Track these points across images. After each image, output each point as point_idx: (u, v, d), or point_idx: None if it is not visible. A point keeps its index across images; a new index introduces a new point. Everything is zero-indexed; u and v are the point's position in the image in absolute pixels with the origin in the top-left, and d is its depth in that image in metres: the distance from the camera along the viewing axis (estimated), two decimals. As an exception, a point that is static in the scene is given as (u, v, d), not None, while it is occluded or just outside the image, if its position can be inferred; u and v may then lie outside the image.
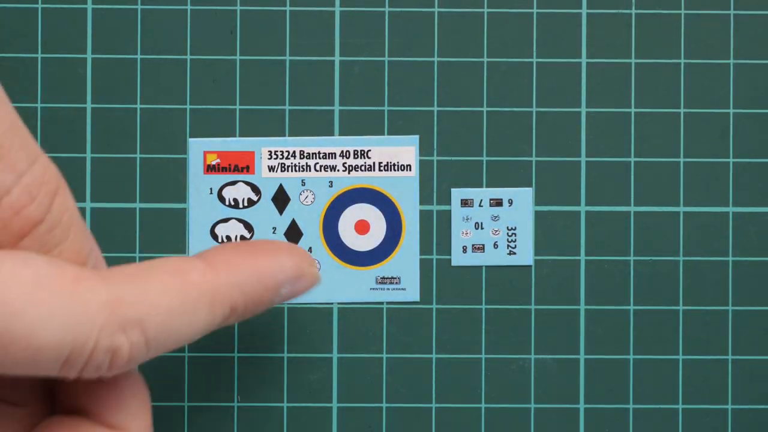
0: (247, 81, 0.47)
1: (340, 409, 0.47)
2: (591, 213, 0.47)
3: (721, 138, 0.47)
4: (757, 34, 0.47)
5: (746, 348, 0.47)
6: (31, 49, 0.46)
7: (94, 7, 0.46)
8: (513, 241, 0.47)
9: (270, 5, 0.47)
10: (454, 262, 0.47)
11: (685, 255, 0.47)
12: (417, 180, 0.47)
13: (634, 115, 0.47)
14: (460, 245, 0.47)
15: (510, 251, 0.47)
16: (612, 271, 0.47)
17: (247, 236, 0.46)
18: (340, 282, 0.46)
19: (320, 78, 0.47)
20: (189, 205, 0.46)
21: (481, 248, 0.47)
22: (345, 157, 0.46)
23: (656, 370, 0.47)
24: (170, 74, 0.47)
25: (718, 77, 0.47)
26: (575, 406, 0.46)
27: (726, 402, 0.47)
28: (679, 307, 0.47)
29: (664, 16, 0.47)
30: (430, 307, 0.47)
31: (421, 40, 0.47)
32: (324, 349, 0.46)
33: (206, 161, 0.46)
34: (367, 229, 0.47)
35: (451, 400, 0.47)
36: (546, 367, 0.47)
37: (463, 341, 0.47)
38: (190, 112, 0.47)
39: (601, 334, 0.47)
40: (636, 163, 0.47)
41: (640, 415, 0.47)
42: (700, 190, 0.47)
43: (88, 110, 0.46)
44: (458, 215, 0.47)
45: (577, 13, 0.47)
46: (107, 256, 0.46)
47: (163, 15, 0.47)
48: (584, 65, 0.47)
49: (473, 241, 0.47)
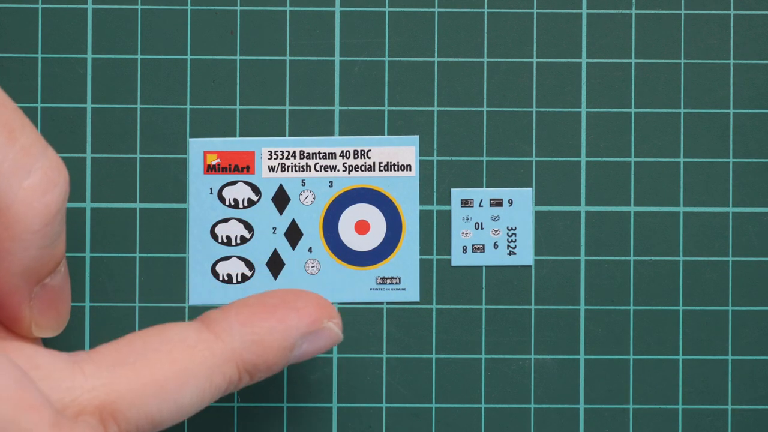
0: (247, 81, 0.47)
1: (340, 409, 0.47)
2: (591, 213, 0.47)
3: (721, 138, 0.47)
4: (757, 34, 0.47)
5: (746, 348, 0.47)
6: (31, 49, 0.46)
7: (94, 7, 0.46)
8: (513, 242, 0.47)
9: (270, 5, 0.47)
10: (454, 263, 0.47)
11: (685, 255, 0.47)
12: (417, 180, 0.47)
13: (634, 115, 0.47)
14: (460, 245, 0.47)
15: (510, 251, 0.47)
16: (612, 271, 0.47)
17: (247, 236, 0.46)
18: (340, 282, 0.46)
19: (320, 78, 0.47)
20: (189, 205, 0.46)
21: (481, 248, 0.47)
22: (345, 157, 0.46)
23: (656, 370, 0.47)
24: (170, 74, 0.47)
25: (718, 77, 0.47)
26: (575, 406, 0.46)
27: (726, 402, 0.47)
28: (679, 307, 0.47)
29: (664, 16, 0.47)
30: (430, 308, 0.47)
31: (421, 40, 0.47)
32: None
33: (206, 161, 0.46)
34: (367, 229, 0.47)
35: (451, 400, 0.47)
36: (546, 367, 0.47)
37: (463, 341, 0.47)
38: (190, 112, 0.47)
39: (601, 334, 0.47)
40: (636, 163, 0.47)
41: (640, 415, 0.47)
42: (700, 190, 0.47)
43: (88, 110, 0.46)
44: (458, 215, 0.47)
45: (577, 13, 0.47)
46: (107, 256, 0.46)
47: (163, 15, 0.47)
48: (584, 65, 0.47)
49: (473, 242, 0.47)
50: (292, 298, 0.39)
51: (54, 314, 0.40)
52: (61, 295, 0.40)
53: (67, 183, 0.38)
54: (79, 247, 0.46)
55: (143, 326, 0.46)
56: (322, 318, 0.40)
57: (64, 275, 0.40)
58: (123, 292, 0.46)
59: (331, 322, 0.40)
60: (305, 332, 0.39)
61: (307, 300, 0.40)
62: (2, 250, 0.38)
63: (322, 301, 0.40)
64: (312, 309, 0.39)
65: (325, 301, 0.40)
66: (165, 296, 0.46)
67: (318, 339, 0.40)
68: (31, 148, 0.38)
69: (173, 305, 0.46)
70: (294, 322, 0.39)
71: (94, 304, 0.46)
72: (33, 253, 0.38)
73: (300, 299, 0.40)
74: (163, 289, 0.46)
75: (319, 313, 0.39)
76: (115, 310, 0.46)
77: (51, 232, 0.38)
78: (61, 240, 0.39)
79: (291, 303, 0.39)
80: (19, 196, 0.37)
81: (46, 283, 0.39)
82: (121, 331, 0.46)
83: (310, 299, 0.40)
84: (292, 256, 0.46)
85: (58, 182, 0.38)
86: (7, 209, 0.37)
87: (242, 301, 0.39)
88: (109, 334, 0.46)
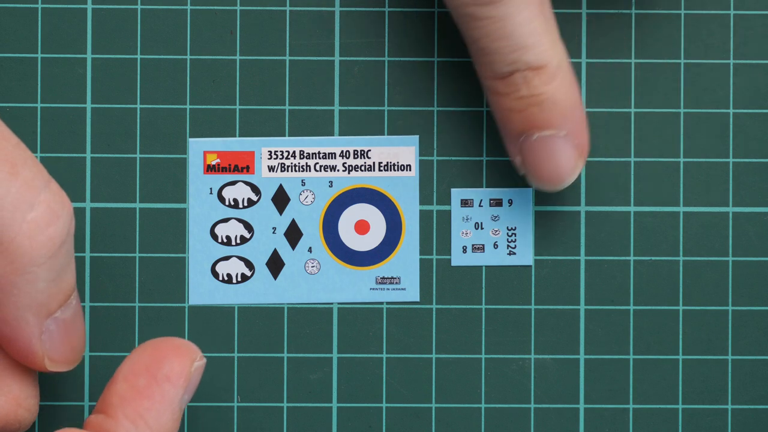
0: (247, 81, 0.47)
1: (340, 409, 0.47)
2: (591, 213, 0.47)
3: (721, 138, 0.47)
4: (757, 34, 0.47)
5: (746, 348, 0.47)
6: (31, 49, 0.46)
7: (94, 7, 0.46)
8: (513, 242, 0.47)
9: (270, 5, 0.47)
10: (454, 262, 0.47)
11: (685, 255, 0.47)
12: (417, 180, 0.47)
13: (634, 115, 0.47)
14: (460, 245, 0.47)
15: (510, 251, 0.47)
16: (612, 271, 0.47)
17: (247, 236, 0.46)
18: (340, 282, 0.46)
19: (320, 78, 0.47)
20: (189, 205, 0.46)
21: (481, 248, 0.47)
22: (345, 157, 0.46)
23: (656, 370, 0.47)
24: (170, 74, 0.47)
25: (718, 77, 0.47)
26: (575, 406, 0.46)
27: (726, 402, 0.46)
28: (679, 307, 0.47)
29: (664, 16, 0.47)
30: (430, 307, 0.47)
31: (421, 40, 0.47)
32: (324, 349, 0.46)
33: (206, 161, 0.46)
34: (367, 229, 0.47)
35: (451, 400, 0.47)
36: (546, 367, 0.47)
37: (463, 341, 0.47)
38: (190, 112, 0.47)
39: (601, 334, 0.47)
40: (636, 163, 0.47)
41: (640, 415, 0.47)
42: (700, 190, 0.47)
43: (88, 110, 0.46)
44: (458, 215, 0.47)
45: (577, 13, 0.47)
46: (107, 256, 0.46)
47: (163, 15, 0.47)
48: (584, 65, 0.47)
49: (473, 241, 0.47)
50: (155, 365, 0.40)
51: (68, 348, 0.40)
52: (74, 329, 0.40)
53: (71, 215, 0.39)
54: (79, 247, 0.46)
55: (143, 326, 0.46)
56: (190, 365, 0.40)
57: (76, 308, 0.40)
58: (123, 292, 0.46)
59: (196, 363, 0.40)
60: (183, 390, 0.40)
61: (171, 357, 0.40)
62: (8, 284, 0.38)
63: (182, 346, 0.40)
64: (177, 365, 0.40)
65: (184, 342, 0.40)
66: (165, 296, 0.46)
67: (194, 382, 0.40)
68: (34, 181, 0.38)
69: (173, 305, 0.46)
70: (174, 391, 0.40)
71: (94, 304, 0.46)
72: (40, 286, 0.38)
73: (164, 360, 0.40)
74: (163, 289, 0.46)
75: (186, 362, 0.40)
76: (115, 310, 0.46)
77: (56, 265, 0.38)
78: (68, 272, 0.39)
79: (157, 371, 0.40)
80: (22, 230, 0.37)
81: (57, 316, 0.39)
82: (122, 331, 0.46)
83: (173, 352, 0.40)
84: (292, 256, 0.46)
85: (61, 215, 0.38)
86: (11, 243, 0.37)
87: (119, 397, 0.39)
88: (109, 334, 0.46)
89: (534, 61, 0.42)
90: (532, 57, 0.42)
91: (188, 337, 0.46)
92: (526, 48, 0.42)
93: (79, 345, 0.41)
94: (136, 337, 0.46)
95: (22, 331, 0.39)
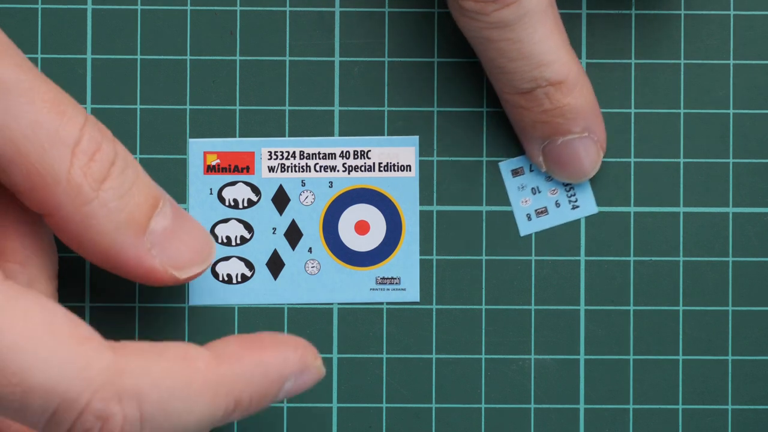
0: (247, 81, 0.47)
1: (340, 409, 0.47)
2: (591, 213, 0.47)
3: (721, 138, 0.47)
4: (757, 34, 0.47)
5: (746, 348, 0.47)
6: (31, 49, 0.46)
7: (94, 7, 0.46)
8: (572, 195, 0.47)
9: (270, 5, 0.47)
10: (522, 232, 0.46)
11: (685, 255, 0.47)
12: (417, 180, 0.47)
13: (634, 115, 0.47)
14: (524, 214, 0.47)
15: (573, 206, 0.47)
16: (612, 271, 0.47)
17: (247, 236, 0.46)
18: (340, 282, 0.46)
19: (320, 78, 0.47)
20: (189, 206, 0.47)
21: (544, 211, 0.47)
22: (345, 158, 0.46)
23: (656, 370, 0.47)
24: (170, 74, 0.47)
25: (718, 77, 0.47)
26: (575, 407, 0.47)
27: (726, 402, 0.47)
28: (679, 307, 0.47)
29: (664, 16, 0.47)
30: (430, 308, 0.47)
31: (421, 40, 0.47)
32: (324, 349, 0.46)
33: (206, 161, 0.46)
34: (367, 229, 0.47)
35: (451, 400, 0.47)
36: (546, 368, 0.47)
37: (463, 341, 0.47)
38: (190, 112, 0.47)
39: (601, 334, 0.47)
40: (636, 163, 0.47)
41: (640, 415, 0.47)
42: (700, 191, 0.47)
43: (88, 110, 0.46)
44: (513, 186, 0.47)
45: (577, 13, 0.47)
46: (107, 257, 0.46)
47: (163, 15, 0.47)
48: (584, 65, 0.47)
49: (534, 207, 0.47)
50: (282, 338, 0.40)
51: (185, 251, 0.40)
52: (182, 231, 0.41)
53: (112, 139, 0.40)
54: (79, 248, 0.46)
55: (143, 326, 0.46)
56: (310, 358, 0.40)
57: (173, 212, 0.41)
58: (123, 292, 0.46)
59: (317, 362, 0.40)
60: (296, 370, 0.40)
61: (295, 340, 0.40)
62: (82, 217, 0.39)
63: (306, 343, 0.40)
64: (302, 349, 0.40)
65: (308, 342, 0.41)
66: (165, 296, 0.46)
67: (305, 377, 0.40)
68: (77, 117, 0.39)
69: (173, 305, 0.46)
70: (291, 356, 0.40)
71: (94, 304, 0.46)
72: (112, 206, 0.39)
73: (289, 339, 0.40)
74: (163, 289, 0.46)
75: (308, 353, 0.40)
76: (115, 310, 0.46)
77: (116, 184, 0.39)
78: (137, 184, 0.40)
79: (282, 341, 0.40)
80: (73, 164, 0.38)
81: (153, 227, 0.40)
82: (122, 331, 0.46)
83: (297, 340, 0.40)
84: (292, 257, 0.46)
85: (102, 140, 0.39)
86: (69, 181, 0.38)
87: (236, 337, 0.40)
88: (109, 335, 0.46)
89: (554, 77, 0.42)
90: (553, 73, 0.42)
91: (188, 337, 0.46)
92: (546, 65, 0.42)
93: (199, 244, 0.41)
94: (136, 337, 0.46)
95: (127, 253, 0.39)
